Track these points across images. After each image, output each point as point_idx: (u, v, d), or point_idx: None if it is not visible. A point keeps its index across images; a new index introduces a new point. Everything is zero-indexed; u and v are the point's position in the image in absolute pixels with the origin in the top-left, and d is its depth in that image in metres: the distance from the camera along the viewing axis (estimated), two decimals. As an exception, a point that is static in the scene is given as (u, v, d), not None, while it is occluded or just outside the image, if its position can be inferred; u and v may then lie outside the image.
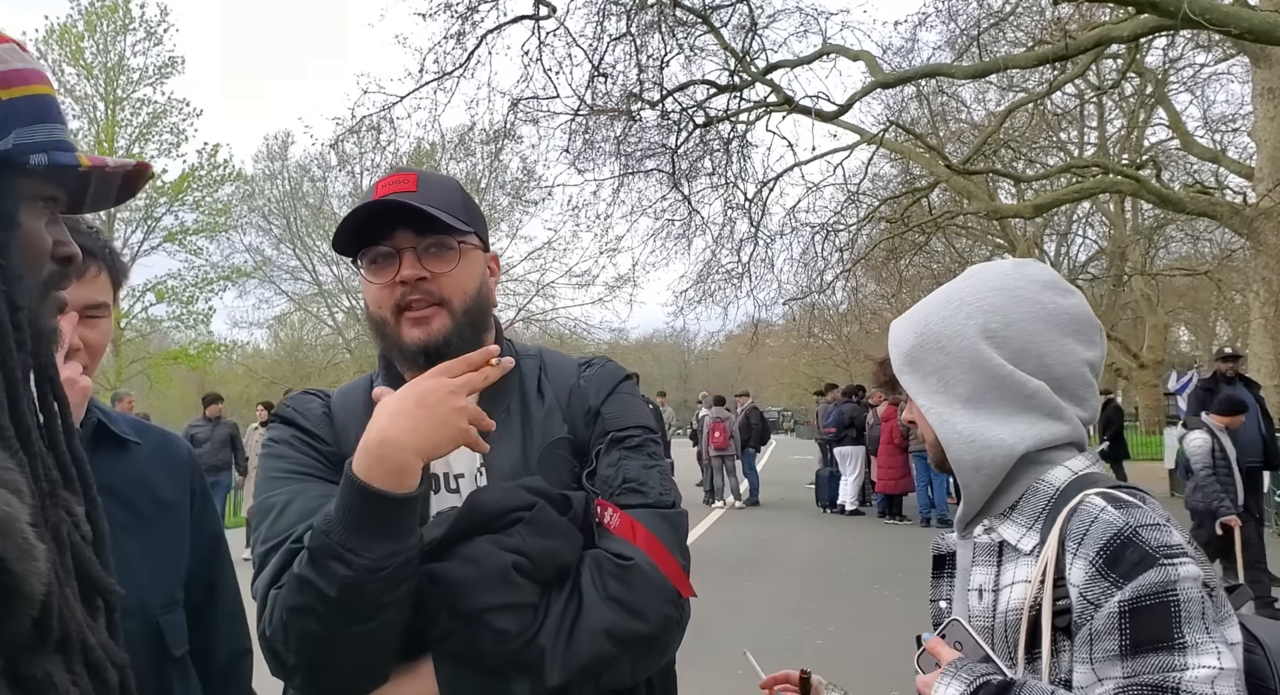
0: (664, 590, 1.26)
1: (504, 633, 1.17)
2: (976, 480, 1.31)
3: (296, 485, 1.29)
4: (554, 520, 1.24)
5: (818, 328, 20.64)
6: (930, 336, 1.36)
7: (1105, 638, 1.14)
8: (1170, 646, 1.11)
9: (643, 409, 1.44)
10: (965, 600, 1.35)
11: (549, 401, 1.42)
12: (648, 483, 1.33)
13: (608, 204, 16.48)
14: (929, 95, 18.55)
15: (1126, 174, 15.51)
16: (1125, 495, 1.21)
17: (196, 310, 25.78)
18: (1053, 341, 1.31)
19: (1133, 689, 1.12)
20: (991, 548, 1.32)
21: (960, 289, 1.38)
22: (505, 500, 1.24)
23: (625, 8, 13.39)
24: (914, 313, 1.43)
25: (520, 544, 1.20)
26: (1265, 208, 12.72)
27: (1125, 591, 1.13)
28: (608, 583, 1.23)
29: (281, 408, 1.43)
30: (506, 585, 1.18)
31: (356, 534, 1.12)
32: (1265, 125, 13.40)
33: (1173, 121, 19.33)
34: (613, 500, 1.30)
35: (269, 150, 33.03)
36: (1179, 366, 23.15)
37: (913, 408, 1.41)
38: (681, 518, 1.35)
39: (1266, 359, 12.96)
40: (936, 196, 19.10)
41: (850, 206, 17.89)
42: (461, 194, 1.41)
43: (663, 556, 1.27)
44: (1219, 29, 9.45)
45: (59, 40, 22.87)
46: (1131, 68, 17.06)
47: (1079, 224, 28.78)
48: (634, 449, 1.37)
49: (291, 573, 1.16)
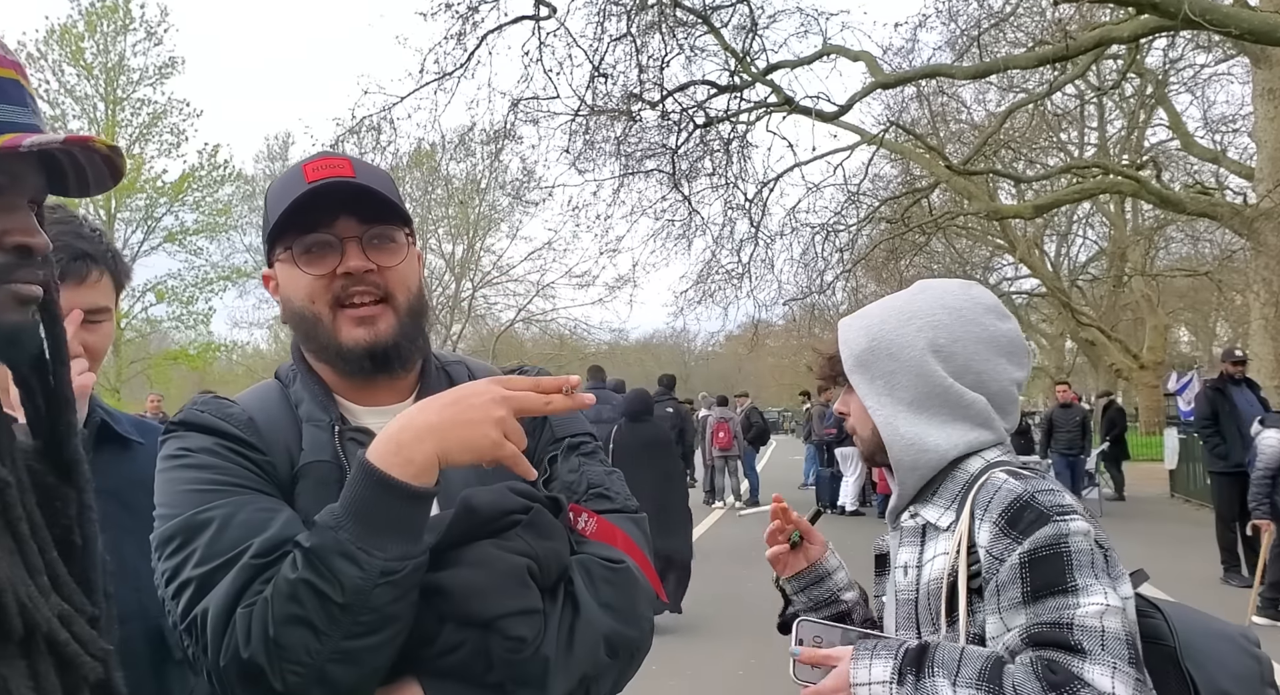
0: (648, 593, 1.23)
1: (519, 641, 1.08)
2: (911, 478, 1.47)
3: (234, 497, 1.14)
4: (551, 522, 1.18)
5: (818, 328, 20.58)
6: (882, 343, 1.48)
7: (1009, 588, 1.29)
8: (1064, 589, 1.26)
9: (583, 416, 1.38)
10: (890, 583, 1.52)
11: None
12: (612, 488, 1.29)
13: (608, 204, 16.49)
14: (929, 96, 18.53)
15: (1127, 174, 15.51)
16: (1025, 471, 1.39)
17: (196, 310, 25.78)
18: (990, 361, 1.47)
19: (1033, 628, 1.26)
20: (916, 530, 1.47)
21: (912, 303, 1.51)
22: (499, 502, 1.15)
23: (626, 8, 13.39)
24: (866, 317, 1.54)
25: (526, 547, 1.13)
26: (1265, 208, 12.72)
27: (1024, 545, 1.28)
28: (601, 588, 1.18)
29: (192, 414, 1.23)
30: (521, 589, 1.10)
31: (370, 530, 1.02)
32: (1265, 126, 13.39)
33: (1173, 122, 19.32)
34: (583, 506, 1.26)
35: (269, 150, 33.07)
36: (1179, 367, 23.15)
37: (851, 402, 1.55)
38: (645, 522, 1.31)
39: (1267, 360, 12.95)
40: (937, 197, 19.10)
41: (850, 207, 17.89)
42: (391, 181, 1.31)
43: (642, 560, 1.24)
44: (1219, 30, 9.45)
45: (59, 40, 22.87)
46: (1132, 68, 17.05)
47: (1079, 224, 28.80)
48: (589, 455, 1.32)
49: (282, 579, 1.03)
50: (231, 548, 1.08)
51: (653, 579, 1.25)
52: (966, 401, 1.45)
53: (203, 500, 1.13)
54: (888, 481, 1.57)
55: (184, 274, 25.78)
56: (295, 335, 1.27)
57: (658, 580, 1.26)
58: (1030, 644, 1.26)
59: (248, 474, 1.18)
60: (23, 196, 0.84)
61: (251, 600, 1.05)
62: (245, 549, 1.08)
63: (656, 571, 1.28)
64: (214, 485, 1.15)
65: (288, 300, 1.25)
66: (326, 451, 1.21)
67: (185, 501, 1.14)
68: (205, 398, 1.28)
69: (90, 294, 1.48)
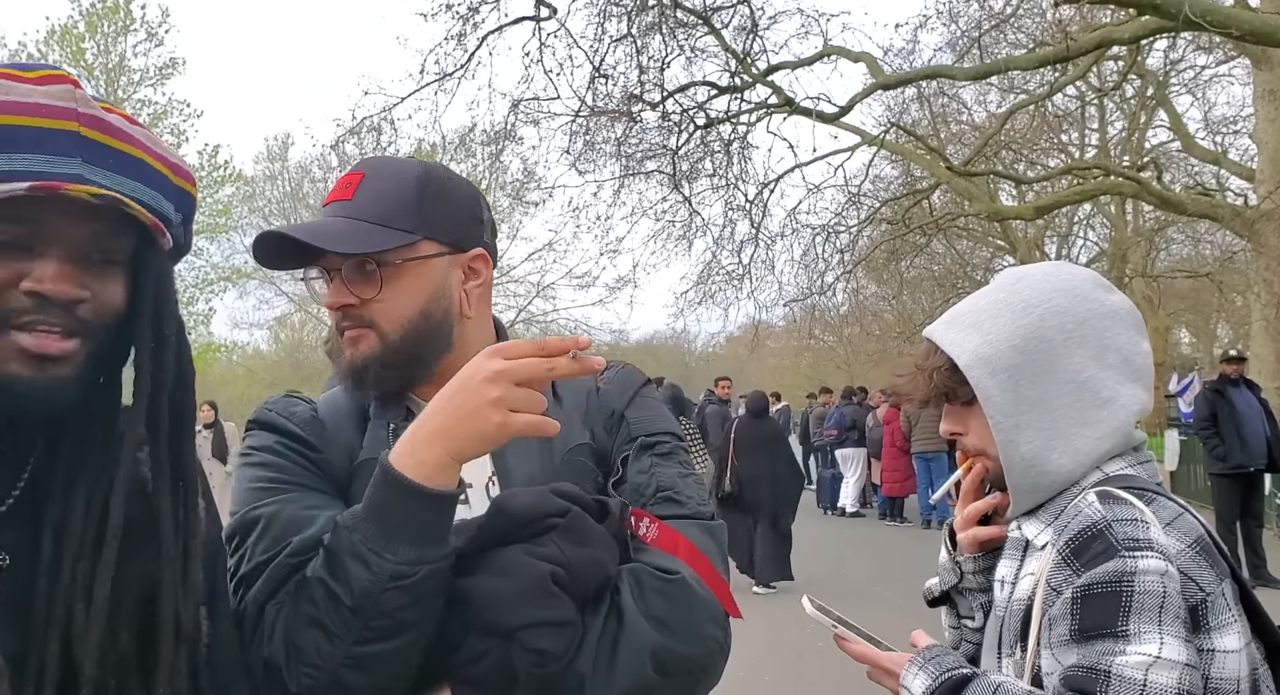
0: (711, 609, 1.13)
1: (542, 653, 1.03)
2: (1029, 498, 1.34)
3: (284, 495, 1.16)
4: (591, 527, 1.10)
5: (818, 329, 20.61)
6: (1011, 342, 1.32)
7: (1059, 623, 1.18)
8: (1113, 633, 1.13)
9: (669, 415, 1.33)
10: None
11: (566, 405, 1.27)
12: (684, 492, 1.21)
13: (608, 205, 16.49)
14: (930, 97, 18.53)
15: (1127, 176, 15.50)
16: (1124, 493, 1.24)
17: (197, 311, 25.74)
18: (1123, 334, 1.33)
19: (1070, 672, 1.15)
20: (1018, 542, 1.37)
21: (1018, 294, 1.35)
22: (536, 505, 1.10)
23: (626, 9, 13.39)
24: (969, 319, 1.38)
25: (556, 553, 1.07)
26: (1266, 210, 12.70)
27: (1081, 578, 1.17)
28: (651, 600, 1.10)
29: (261, 412, 1.26)
30: (546, 598, 1.05)
31: (383, 532, 1.01)
32: (1266, 127, 13.38)
33: (1174, 123, 19.31)
34: (646, 510, 1.18)
35: (269, 151, 33.02)
36: (1180, 369, 23.13)
37: (970, 420, 1.39)
38: (722, 531, 1.22)
39: (1268, 361, 12.94)
40: (937, 198, 19.08)
41: (851, 208, 17.89)
42: (417, 190, 1.21)
43: (708, 572, 1.15)
44: (1220, 31, 9.44)
45: (60, 41, 22.86)
46: (1132, 70, 17.03)
47: (1080, 226, 28.76)
48: (665, 456, 1.25)
49: (302, 578, 1.05)
50: (273, 546, 1.10)
51: (720, 592, 1.15)
52: (1104, 398, 1.30)
53: (257, 497, 1.16)
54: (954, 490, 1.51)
55: (184, 275, 25.73)
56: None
57: (727, 593, 1.16)
58: (1065, 688, 1.15)
59: (303, 472, 1.20)
60: (51, 245, 0.85)
61: (281, 599, 1.06)
62: (284, 547, 1.09)
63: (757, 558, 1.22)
64: (270, 483, 1.17)
65: None
66: (381, 448, 1.19)
67: (245, 499, 1.17)
68: (278, 396, 1.32)
69: None
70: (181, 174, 0.96)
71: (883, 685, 1.40)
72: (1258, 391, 8.32)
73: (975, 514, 1.50)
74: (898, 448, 12.95)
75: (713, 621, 1.13)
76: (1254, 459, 7.88)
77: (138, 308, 0.92)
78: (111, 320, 0.91)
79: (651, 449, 1.25)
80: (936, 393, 1.39)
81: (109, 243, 0.89)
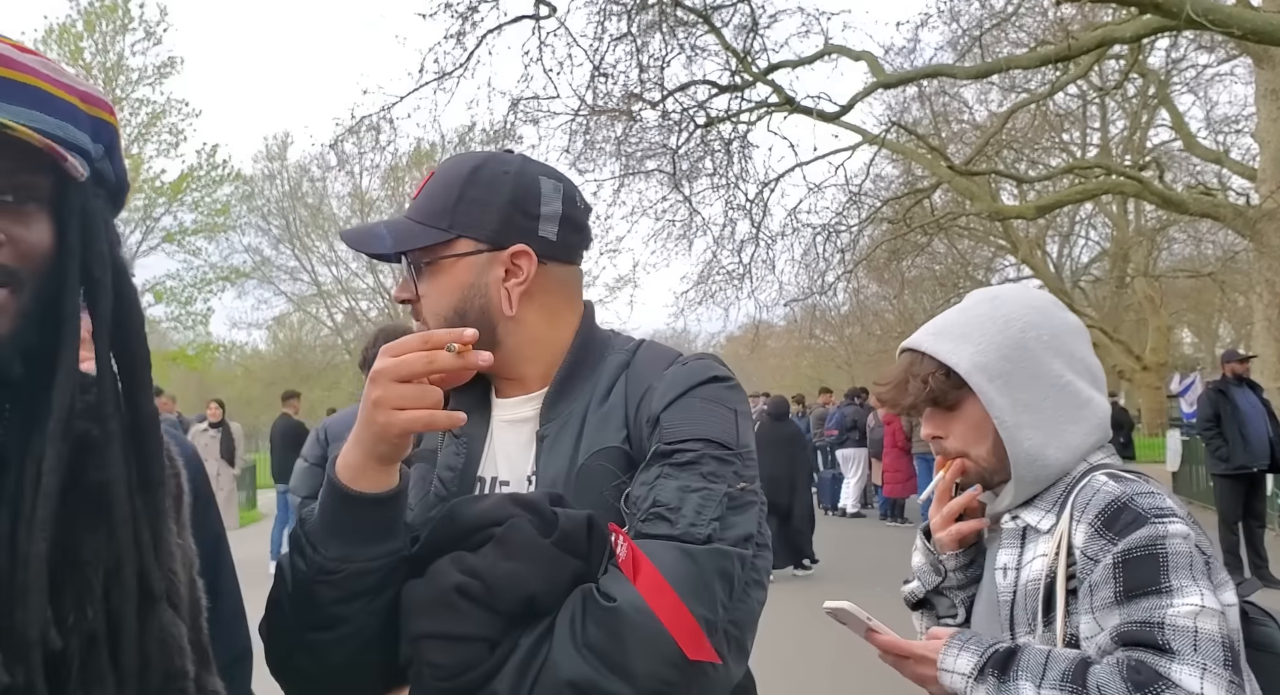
0: (658, 645, 0.99)
1: (437, 667, 1.02)
2: (1029, 490, 1.46)
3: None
4: (527, 540, 1.04)
5: (819, 329, 20.61)
6: (1000, 349, 1.45)
7: (1102, 587, 1.29)
8: (1158, 590, 1.26)
9: (717, 418, 1.15)
10: (989, 585, 1.50)
11: (612, 404, 1.19)
12: (680, 509, 1.06)
13: (608, 204, 16.43)
14: (931, 96, 18.50)
15: (1129, 175, 15.47)
16: (1126, 474, 1.40)
17: (195, 311, 25.76)
18: (1083, 346, 1.50)
19: (1123, 628, 1.26)
20: (1016, 533, 1.47)
21: (1000, 309, 1.49)
22: (486, 514, 1.08)
23: (626, 7, 13.34)
24: (958, 331, 1.50)
25: (479, 564, 1.04)
26: (1268, 209, 12.67)
27: (1119, 545, 1.29)
28: (586, 627, 1.01)
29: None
30: (445, 610, 1.03)
31: (320, 528, 1.07)
32: (1268, 126, 13.34)
33: (1175, 122, 19.28)
34: (636, 528, 1.07)
35: (268, 150, 33.09)
36: (1182, 369, 23.09)
37: (954, 423, 1.50)
38: (719, 557, 1.04)
39: (1270, 361, 12.90)
40: (938, 197, 19.06)
41: (852, 207, 17.84)
42: (460, 186, 1.21)
43: (667, 602, 1.00)
44: (1222, 30, 9.40)
45: (58, 40, 22.83)
46: (1134, 68, 17.01)
47: (1081, 225, 28.74)
48: (681, 467, 1.09)
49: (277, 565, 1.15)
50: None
51: (679, 627, 1.00)
52: (1084, 399, 1.46)
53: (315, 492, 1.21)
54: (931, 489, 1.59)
55: (182, 274, 25.76)
56: None
57: (691, 628, 1.00)
58: (1120, 644, 1.26)
59: None
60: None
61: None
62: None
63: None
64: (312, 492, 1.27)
65: None
66: (434, 441, 1.26)
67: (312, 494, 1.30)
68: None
69: None
70: (94, 101, 0.89)
71: (915, 673, 1.47)
72: (1260, 392, 8.28)
73: (954, 512, 1.59)
74: (899, 448, 12.91)
75: (658, 659, 0.98)
76: (1257, 459, 7.85)
77: (63, 248, 0.84)
78: (42, 267, 0.83)
79: (667, 458, 1.10)
80: (929, 399, 1.49)
81: (18, 179, 0.82)
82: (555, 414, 1.19)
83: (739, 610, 1.05)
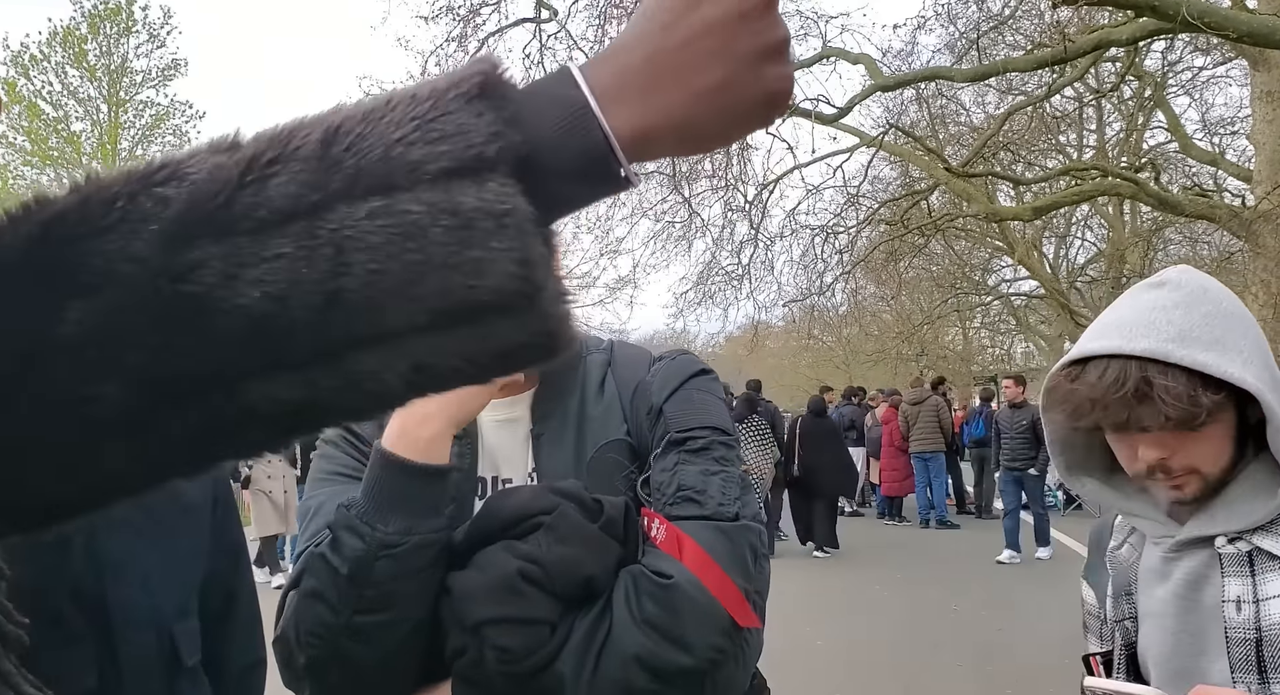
0: (712, 616, 1.08)
1: (505, 651, 1.05)
2: (1272, 512, 1.27)
3: (334, 487, 1.21)
4: (578, 525, 1.10)
5: (818, 330, 20.66)
6: (1258, 357, 1.26)
7: None
8: None
9: (715, 408, 1.26)
10: (1191, 613, 1.32)
11: (608, 399, 1.26)
12: (706, 491, 1.15)
13: (608, 206, 16.50)
14: (928, 98, 18.57)
15: (1125, 177, 15.54)
16: None
17: (197, 312, 25.77)
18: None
19: None
20: (1240, 558, 1.28)
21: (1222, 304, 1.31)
22: (528, 504, 1.12)
23: (627, 10, 13.42)
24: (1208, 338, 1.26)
25: (534, 550, 1.08)
26: (1264, 210, 12.74)
27: None
28: (644, 603, 1.08)
29: None
30: (510, 595, 1.06)
31: (375, 506, 1.07)
32: (1264, 128, 13.42)
33: (1171, 124, 19.35)
34: (665, 511, 1.15)
35: (270, 152, 33.04)
36: (1178, 369, 23.11)
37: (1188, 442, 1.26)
38: (747, 533, 1.16)
39: (1265, 361, 12.97)
40: (936, 199, 19.12)
41: (850, 209, 17.94)
42: None
43: (714, 576, 1.09)
44: (1217, 32, 9.48)
45: (62, 43, 22.88)
46: (1130, 71, 17.08)
47: (1078, 226, 28.79)
48: (696, 453, 1.19)
49: (310, 554, 1.11)
50: (314, 535, 1.15)
51: (728, 598, 1.10)
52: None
53: (315, 487, 1.23)
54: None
55: (185, 275, 25.76)
56: None
57: (738, 599, 1.11)
58: None
59: (356, 463, 1.23)
60: None
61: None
62: (318, 538, 1.13)
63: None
64: (326, 474, 1.24)
65: None
66: None
67: (310, 487, 1.24)
68: None
69: None
70: None
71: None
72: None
73: None
74: (896, 447, 13.00)
75: (712, 629, 1.08)
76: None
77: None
78: None
79: (681, 445, 1.20)
80: (1184, 419, 1.23)
81: None
82: (548, 412, 1.24)
83: (760, 580, 1.16)
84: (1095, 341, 1.28)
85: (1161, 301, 1.29)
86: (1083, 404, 1.25)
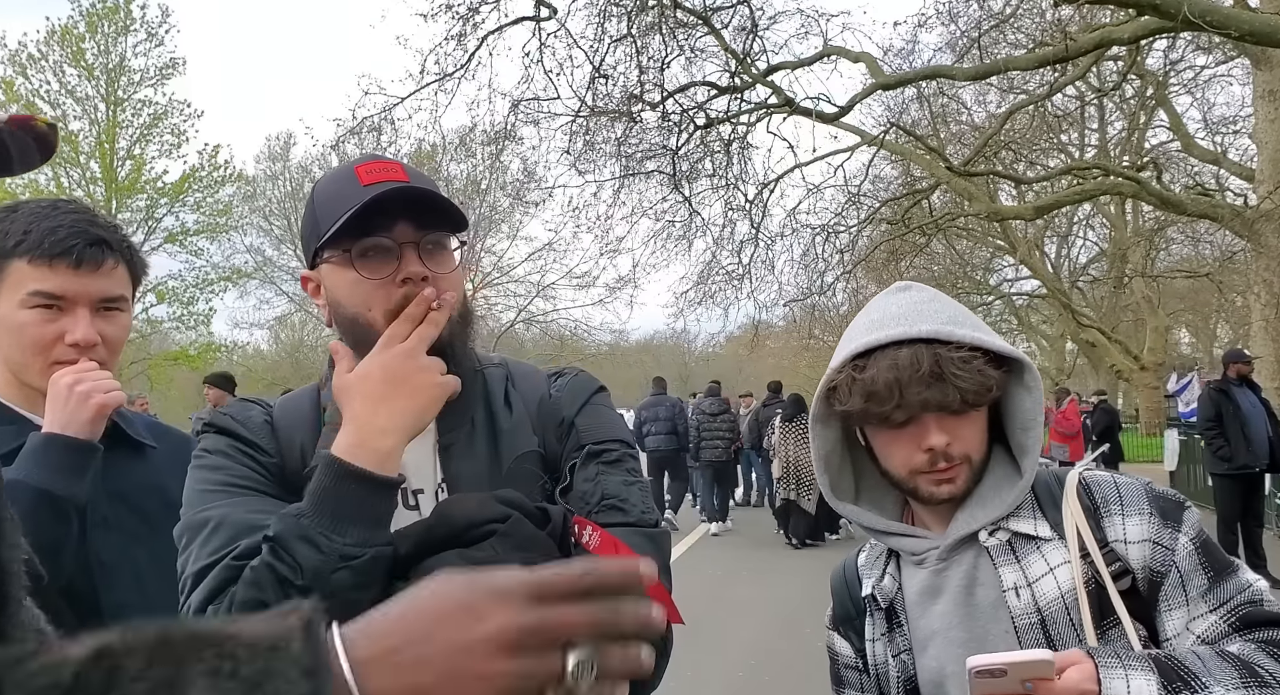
0: None
1: None
2: (1018, 498, 1.34)
3: (234, 499, 1.17)
4: (531, 533, 1.12)
5: (818, 329, 20.60)
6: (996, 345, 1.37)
7: (1195, 575, 1.24)
8: (1234, 568, 1.25)
9: (619, 422, 1.35)
10: (975, 618, 1.33)
11: (517, 412, 1.30)
12: (629, 500, 1.22)
13: (608, 205, 16.49)
14: (929, 97, 18.54)
15: (1127, 176, 15.51)
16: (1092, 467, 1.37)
17: (197, 311, 25.75)
18: None
19: (1238, 611, 1.22)
20: (1004, 547, 1.33)
21: (947, 299, 1.43)
22: (477, 511, 1.13)
23: (626, 9, 13.39)
24: (969, 319, 1.36)
25: (490, 557, 1.08)
26: (1266, 210, 12.71)
27: (1185, 530, 1.26)
28: None
29: (216, 416, 1.28)
30: None
31: (330, 518, 1.05)
32: (1266, 127, 13.39)
33: (1173, 123, 19.33)
34: (591, 518, 1.19)
35: (270, 151, 33.19)
36: (1179, 368, 23.13)
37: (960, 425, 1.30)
38: (665, 538, 1.24)
39: (1268, 361, 12.95)
40: (937, 198, 19.09)
41: (851, 208, 17.88)
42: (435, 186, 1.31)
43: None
44: (1219, 31, 9.45)
45: (60, 41, 22.86)
46: (1132, 70, 17.05)
47: (1080, 226, 28.80)
48: (612, 464, 1.26)
49: (247, 569, 1.06)
50: (220, 548, 1.10)
51: (661, 599, 1.11)
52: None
53: (207, 500, 1.17)
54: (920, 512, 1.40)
55: (184, 275, 25.78)
56: (345, 339, 1.24)
57: (668, 601, 1.16)
58: (1242, 627, 1.21)
59: (254, 476, 1.21)
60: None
61: (224, 600, 1.06)
62: (231, 550, 1.09)
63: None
64: (219, 486, 1.19)
65: (337, 304, 1.23)
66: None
67: (194, 501, 1.18)
68: (235, 400, 1.35)
69: (105, 282, 1.47)
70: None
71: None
72: (1259, 392, 8.32)
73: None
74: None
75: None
76: (1259, 460, 7.88)
77: None
78: None
79: (599, 457, 1.26)
80: (973, 398, 1.28)
81: None
82: (454, 424, 1.24)
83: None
84: (872, 334, 1.32)
85: (916, 298, 1.38)
86: (881, 389, 1.28)
